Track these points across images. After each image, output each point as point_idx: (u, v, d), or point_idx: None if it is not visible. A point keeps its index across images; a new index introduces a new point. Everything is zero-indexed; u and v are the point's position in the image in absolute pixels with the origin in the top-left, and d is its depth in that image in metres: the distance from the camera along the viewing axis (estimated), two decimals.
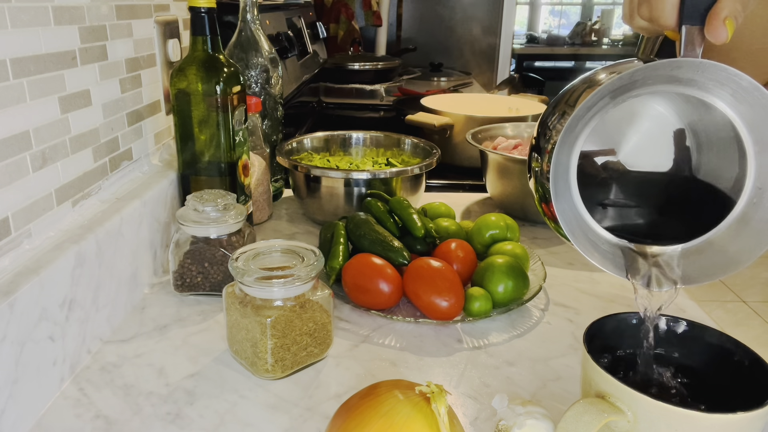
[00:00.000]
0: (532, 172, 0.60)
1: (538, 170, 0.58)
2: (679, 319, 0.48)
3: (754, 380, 0.42)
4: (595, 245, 0.55)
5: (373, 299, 0.65)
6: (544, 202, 0.59)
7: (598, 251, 0.56)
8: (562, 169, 0.52)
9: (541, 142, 0.58)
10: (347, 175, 0.85)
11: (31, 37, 0.52)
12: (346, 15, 2.33)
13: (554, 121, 0.56)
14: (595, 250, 0.57)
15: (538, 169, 0.58)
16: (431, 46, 2.90)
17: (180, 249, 0.68)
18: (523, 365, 0.59)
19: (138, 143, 0.74)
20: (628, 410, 0.39)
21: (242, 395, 0.54)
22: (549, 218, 0.60)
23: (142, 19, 0.74)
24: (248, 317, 0.54)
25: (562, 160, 0.52)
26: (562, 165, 0.52)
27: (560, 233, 0.61)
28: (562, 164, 0.52)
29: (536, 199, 0.61)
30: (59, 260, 0.52)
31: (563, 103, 0.56)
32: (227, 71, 0.73)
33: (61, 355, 0.53)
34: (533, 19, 6.67)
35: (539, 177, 0.58)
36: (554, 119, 0.56)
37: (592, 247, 0.54)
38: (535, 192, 0.61)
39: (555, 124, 0.56)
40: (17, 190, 0.51)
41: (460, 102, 1.45)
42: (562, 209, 0.52)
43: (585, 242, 0.54)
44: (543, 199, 0.59)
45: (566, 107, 0.55)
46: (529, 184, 0.62)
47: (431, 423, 0.38)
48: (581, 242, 0.52)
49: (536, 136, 0.59)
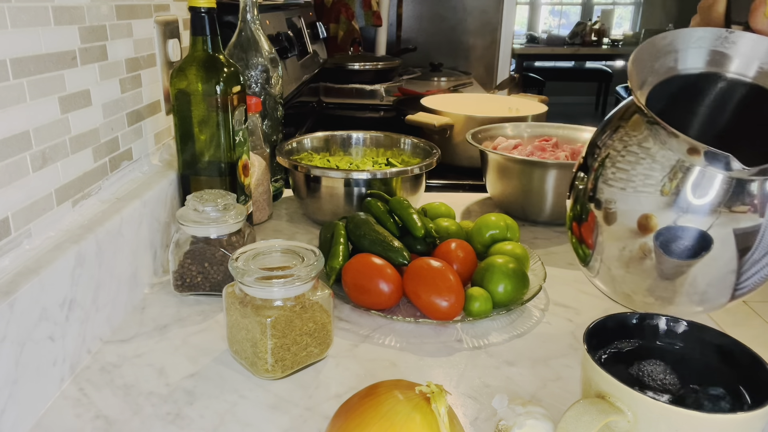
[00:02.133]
0: (574, 190, 0.60)
1: (582, 188, 0.58)
2: (679, 319, 0.48)
3: (754, 380, 0.42)
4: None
5: (373, 299, 0.65)
6: (576, 221, 0.59)
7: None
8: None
9: (589, 161, 0.58)
10: (347, 175, 0.85)
11: (31, 37, 0.52)
12: (346, 15, 2.33)
13: (605, 139, 0.56)
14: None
15: (582, 187, 0.58)
16: (431, 46, 2.90)
17: (180, 249, 0.68)
18: (523, 365, 0.59)
19: (138, 143, 0.74)
20: (628, 410, 0.39)
21: (242, 395, 0.54)
22: (576, 238, 0.60)
23: (142, 19, 0.74)
24: (248, 317, 0.54)
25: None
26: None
27: (579, 255, 0.61)
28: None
29: (569, 217, 0.61)
30: (59, 260, 0.52)
31: (616, 119, 0.57)
32: (227, 71, 0.73)
33: (61, 355, 0.53)
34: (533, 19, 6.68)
35: (581, 196, 0.58)
36: (605, 137, 0.57)
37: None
38: (571, 210, 0.61)
39: (606, 140, 0.56)
40: (17, 190, 0.51)
41: (460, 102, 1.45)
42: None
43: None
44: (577, 218, 0.59)
45: (620, 122, 0.56)
46: (566, 202, 0.62)
47: (431, 423, 0.38)
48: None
49: (584, 156, 0.59)
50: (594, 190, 0.57)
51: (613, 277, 0.59)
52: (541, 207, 0.91)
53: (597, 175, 0.56)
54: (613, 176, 0.55)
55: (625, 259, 0.56)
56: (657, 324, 0.48)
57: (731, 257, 0.52)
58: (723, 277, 0.54)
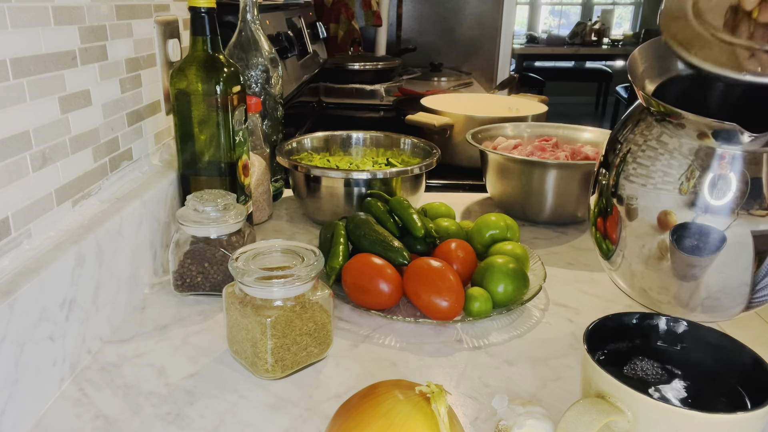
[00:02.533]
0: (598, 186, 0.61)
1: (605, 184, 0.59)
2: (679, 319, 0.48)
3: (754, 380, 0.42)
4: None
5: (373, 299, 0.65)
6: (602, 217, 0.60)
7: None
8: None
9: (610, 157, 0.59)
10: (347, 175, 0.85)
11: (31, 37, 0.52)
12: (346, 15, 2.33)
13: (626, 134, 0.57)
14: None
15: (606, 182, 0.59)
16: (431, 46, 2.89)
17: (180, 249, 0.68)
18: (523, 365, 0.59)
19: (138, 143, 0.74)
20: (628, 410, 0.39)
21: (242, 395, 0.54)
22: (601, 233, 0.61)
23: (142, 19, 0.74)
24: (248, 317, 0.54)
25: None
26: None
27: (602, 250, 0.62)
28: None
29: (593, 213, 0.62)
30: (59, 260, 0.52)
31: (637, 114, 0.57)
32: (227, 71, 0.73)
33: (61, 355, 0.53)
34: (533, 19, 6.68)
35: (605, 191, 0.59)
36: (626, 132, 0.57)
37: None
38: (595, 206, 0.61)
39: (627, 135, 0.57)
40: (17, 190, 0.51)
41: (460, 102, 1.45)
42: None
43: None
44: (602, 212, 0.60)
45: (641, 116, 0.56)
46: (590, 199, 0.62)
47: (431, 423, 0.38)
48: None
49: (605, 153, 0.60)
50: (616, 186, 0.57)
51: (633, 272, 0.59)
52: (541, 207, 0.91)
53: (619, 171, 0.57)
54: (634, 172, 0.56)
55: (645, 255, 0.56)
56: (657, 324, 0.48)
57: (748, 261, 0.52)
58: (738, 284, 0.54)
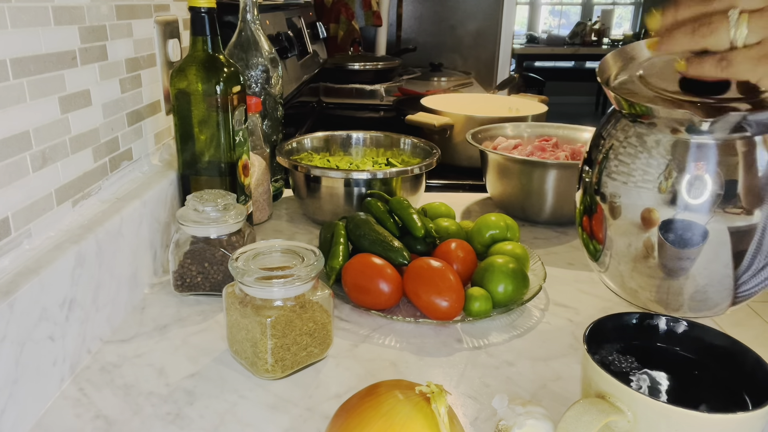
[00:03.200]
0: (582, 183, 0.61)
1: (588, 181, 0.59)
2: (679, 319, 0.48)
3: (754, 380, 0.42)
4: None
5: (373, 299, 0.65)
6: (587, 215, 0.60)
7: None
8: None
9: (594, 153, 0.59)
10: (347, 175, 0.85)
11: (31, 37, 0.52)
12: (346, 15, 2.33)
13: (609, 129, 0.57)
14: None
15: (589, 180, 0.59)
16: (431, 46, 2.90)
17: (180, 249, 0.68)
18: (523, 365, 0.59)
19: (138, 143, 0.74)
20: (628, 410, 0.39)
21: (242, 395, 0.54)
22: (587, 233, 0.61)
23: (142, 19, 0.74)
24: (248, 317, 0.54)
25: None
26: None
27: (589, 251, 0.62)
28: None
29: (578, 210, 0.62)
30: (59, 260, 0.52)
31: (618, 112, 0.58)
32: (227, 71, 0.73)
33: (61, 355, 0.53)
34: (533, 19, 6.68)
35: (588, 188, 0.59)
36: (609, 127, 0.58)
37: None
38: (580, 203, 0.62)
39: (610, 130, 0.57)
40: (17, 190, 0.51)
41: (460, 102, 1.45)
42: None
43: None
44: (587, 210, 0.60)
45: (619, 115, 0.57)
46: (575, 195, 0.63)
47: (431, 423, 0.38)
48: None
49: (589, 150, 0.60)
50: (599, 184, 0.57)
51: (621, 272, 0.60)
52: (541, 207, 0.91)
53: (601, 168, 0.57)
54: (616, 169, 0.56)
55: (631, 254, 0.57)
56: (657, 324, 0.48)
57: (728, 256, 0.53)
58: (722, 277, 0.54)
